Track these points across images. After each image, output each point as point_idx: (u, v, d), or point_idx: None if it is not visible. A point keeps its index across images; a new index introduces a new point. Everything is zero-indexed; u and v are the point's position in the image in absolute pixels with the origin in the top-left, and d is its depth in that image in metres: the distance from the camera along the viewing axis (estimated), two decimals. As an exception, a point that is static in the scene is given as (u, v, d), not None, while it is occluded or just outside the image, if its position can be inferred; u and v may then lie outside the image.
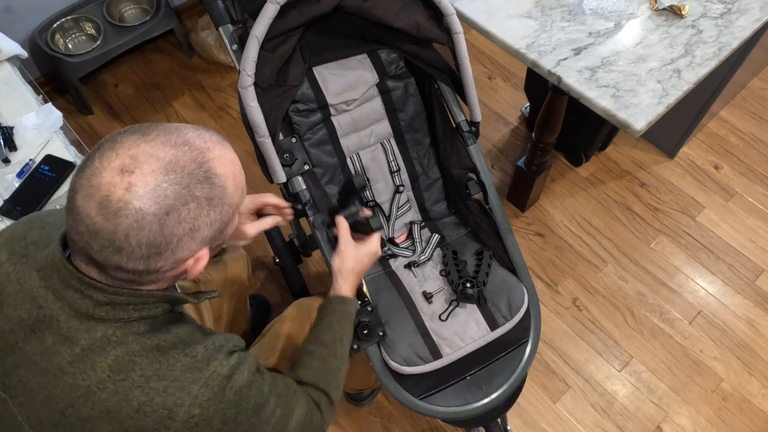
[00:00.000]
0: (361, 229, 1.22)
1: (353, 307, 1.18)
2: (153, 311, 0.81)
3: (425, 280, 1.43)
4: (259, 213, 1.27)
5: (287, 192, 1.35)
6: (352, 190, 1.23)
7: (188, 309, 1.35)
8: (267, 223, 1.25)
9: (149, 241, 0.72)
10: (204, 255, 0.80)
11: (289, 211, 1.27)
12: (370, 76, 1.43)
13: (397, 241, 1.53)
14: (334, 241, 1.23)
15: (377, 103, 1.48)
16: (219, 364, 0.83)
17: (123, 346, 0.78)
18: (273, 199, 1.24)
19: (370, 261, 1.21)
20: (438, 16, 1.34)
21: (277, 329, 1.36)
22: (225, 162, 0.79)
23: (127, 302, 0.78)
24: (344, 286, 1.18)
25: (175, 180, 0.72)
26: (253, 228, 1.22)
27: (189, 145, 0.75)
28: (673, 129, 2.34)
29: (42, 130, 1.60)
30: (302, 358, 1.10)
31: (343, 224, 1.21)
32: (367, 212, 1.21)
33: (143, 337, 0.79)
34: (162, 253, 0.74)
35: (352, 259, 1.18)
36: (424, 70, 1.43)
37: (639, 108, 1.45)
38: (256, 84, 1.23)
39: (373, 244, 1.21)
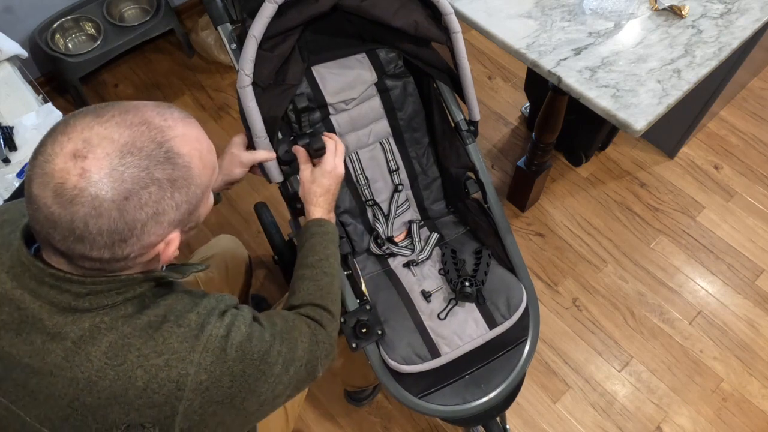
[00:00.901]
0: (314, 155, 1.24)
1: (331, 226, 1.19)
2: (138, 291, 0.79)
3: (424, 279, 1.43)
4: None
5: (286, 191, 1.34)
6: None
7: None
8: (261, 155, 1.25)
9: (110, 228, 0.69)
10: (174, 238, 0.77)
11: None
12: (369, 76, 1.43)
13: (396, 240, 1.53)
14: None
15: (376, 103, 1.48)
16: (214, 326, 0.82)
17: (114, 331, 0.76)
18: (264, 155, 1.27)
19: (331, 179, 1.22)
20: (436, 15, 1.34)
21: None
22: (189, 140, 0.75)
23: (108, 289, 0.76)
24: (314, 210, 1.20)
25: (132, 162, 0.69)
26: (248, 156, 1.23)
27: (147, 124, 0.71)
28: (673, 129, 2.34)
29: (42, 129, 1.60)
30: (294, 285, 1.11)
31: (300, 153, 1.25)
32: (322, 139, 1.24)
33: (133, 318, 0.78)
34: (126, 240, 0.71)
35: (310, 182, 1.21)
36: (423, 69, 1.43)
37: (639, 108, 1.44)
38: (254, 84, 1.23)
39: (327, 163, 1.21)
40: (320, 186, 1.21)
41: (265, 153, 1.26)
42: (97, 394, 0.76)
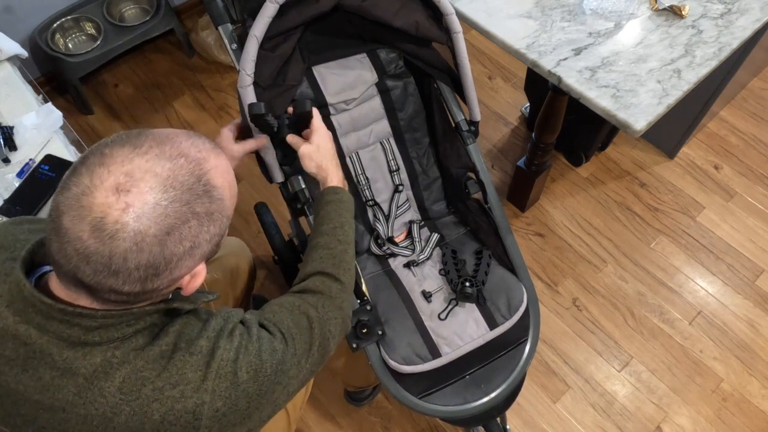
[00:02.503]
0: (303, 123, 1.21)
1: (346, 195, 1.17)
2: (148, 321, 0.77)
3: (424, 279, 1.43)
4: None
5: (286, 191, 1.35)
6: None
7: None
8: (251, 144, 1.24)
9: (149, 263, 0.68)
10: (201, 270, 0.76)
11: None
12: (370, 76, 1.43)
13: (397, 240, 1.53)
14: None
15: (376, 103, 1.48)
16: (224, 350, 0.80)
17: (126, 365, 0.74)
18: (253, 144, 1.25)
19: (329, 140, 1.20)
20: (437, 15, 1.34)
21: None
22: (221, 172, 0.75)
23: (118, 322, 0.74)
24: (330, 178, 1.17)
25: (174, 197, 0.68)
26: (239, 147, 1.21)
27: (185, 157, 0.71)
28: (673, 129, 2.34)
29: (42, 129, 1.60)
30: (308, 254, 1.09)
31: (294, 138, 1.21)
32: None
33: (144, 351, 0.76)
34: (160, 274, 0.70)
35: (315, 150, 1.17)
36: (424, 69, 1.43)
37: (639, 108, 1.44)
38: (255, 83, 1.23)
39: (319, 127, 1.19)
40: (327, 150, 1.18)
41: (254, 141, 1.24)
42: (112, 430, 0.75)
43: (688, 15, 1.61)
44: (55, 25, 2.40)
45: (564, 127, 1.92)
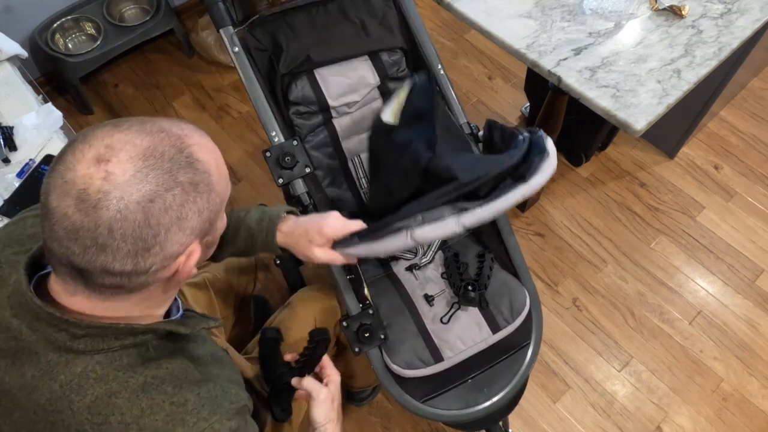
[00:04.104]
0: (308, 368, 1.09)
1: None
2: (139, 339, 0.75)
3: (426, 283, 1.43)
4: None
5: (288, 193, 1.34)
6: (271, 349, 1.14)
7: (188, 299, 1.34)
8: (339, 259, 1.09)
9: (135, 233, 0.66)
10: (195, 250, 0.74)
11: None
12: (372, 78, 1.43)
13: (398, 242, 1.53)
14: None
15: (378, 106, 1.48)
16: (208, 426, 0.76)
17: (102, 384, 0.73)
18: (357, 226, 1.09)
19: (334, 407, 1.08)
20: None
21: (280, 321, 1.38)
22: (206, 149, 0.74)
23: (104, 333, 0.73)
24: None
25: (155, 165, 0.67)
26: (324, 255, 1.09)
27: (165, 132, 0.70)
28: (673, 129, 2.34)
29: (42, 130, 1.60)
30: None
31: (305, 386, 1.07)
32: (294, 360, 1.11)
33: (126, 373, 0.74)
34: (150, 248, 0.68)
35: (331, 402, 1.07)
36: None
37: (639, 108, 1.45)
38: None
39: (333, 379, 1.08)
40: (335, 409, 1.07)
41: (343, 259, 1.09)
42: None
43: (688, 15, 1.61)
44: (55, 25, 2.40)
45: (564, 127, 1.92)
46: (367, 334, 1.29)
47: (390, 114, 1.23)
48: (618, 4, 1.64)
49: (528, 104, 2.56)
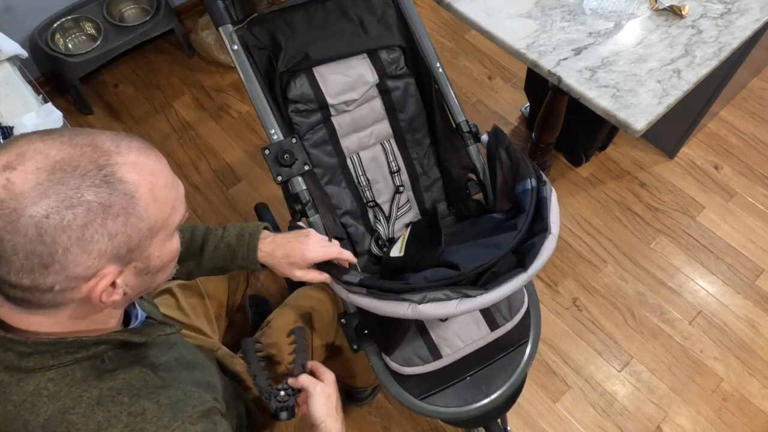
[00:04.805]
0: (300, 363, 1.12)
1: None
2: (91, 351, 0.72)
3: (425, 281, 1.43)
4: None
5: (288, 192, 1.34)
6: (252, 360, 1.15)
7: (168, 306, 1.32)
8: (317, 278, 1.12)
9: (26, 248, 0.62)
10: (109, 274, 0.67)
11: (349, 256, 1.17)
12: (370, 77, 1.43)
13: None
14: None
15: (377, 104, 1.48)
16: (178, 428, 0.73)
17: (55, 401, 0.70)
18: (336, 252, 1.13)
19: (334, 388, 1.10)
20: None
21: (278, 321, 1.38)
22: (140, 170, 0.67)
23: (53, 349, 0.70)
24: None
25: (61, 179, 0.62)
26: (304, 275, 1.11)
27: (93, 146, 0.65)
28: (673, 129, 2.34)
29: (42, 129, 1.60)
30: None
31: (300, 382, 1.08)
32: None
33: (80, 387, 0.71)
34: (48, 266, 0.63)
35: (329, 397, 1.07)
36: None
37: (639, 108, 1.45)
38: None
39: (326, 376, 1.09)
40: (333, 406, 1.07)
41: (320, 277, 1.12)
42: None
43: (688, 15, 1.61)
44: (55, 25, 2.40)
45: (564, 127, 1.92)
46: (365, 331, 1.29)
47: (396, 249, 1.40)
48: (618, 4, 1.64)
49: (528, 104, 2.56)
